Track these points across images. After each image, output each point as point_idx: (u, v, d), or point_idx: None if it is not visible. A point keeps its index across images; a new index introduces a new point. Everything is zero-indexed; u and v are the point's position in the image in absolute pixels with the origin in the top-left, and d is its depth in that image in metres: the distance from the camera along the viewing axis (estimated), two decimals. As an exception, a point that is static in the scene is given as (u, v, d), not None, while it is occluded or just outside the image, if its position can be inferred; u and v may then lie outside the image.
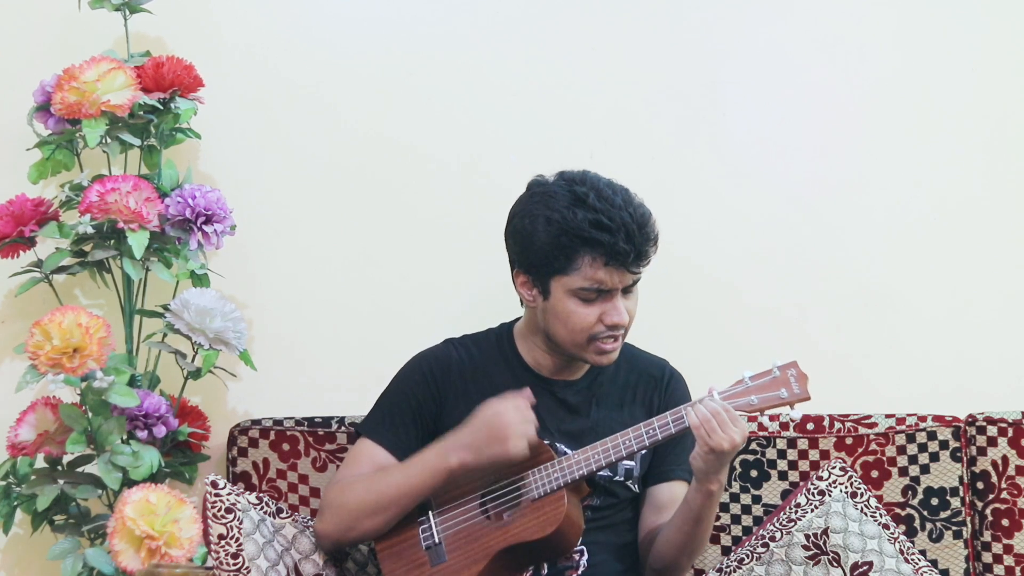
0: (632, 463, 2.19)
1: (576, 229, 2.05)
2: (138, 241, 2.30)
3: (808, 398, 2.05)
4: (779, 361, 2.06)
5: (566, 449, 2.15)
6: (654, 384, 2.26)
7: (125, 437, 2.32)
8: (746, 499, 2.42)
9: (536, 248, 2.09)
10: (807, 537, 2.24)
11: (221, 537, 2.02)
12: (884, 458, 2.42)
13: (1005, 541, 2.41)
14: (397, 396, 2.22)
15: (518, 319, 2.27)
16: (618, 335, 2.12)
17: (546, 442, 2.13)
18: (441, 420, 2.19)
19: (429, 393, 2.20)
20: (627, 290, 2.12)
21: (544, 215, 2.08)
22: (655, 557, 2.19)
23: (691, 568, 2.36)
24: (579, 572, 2.14)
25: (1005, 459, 2.42)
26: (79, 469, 2.35)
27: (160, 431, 2.33)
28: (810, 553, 2.23)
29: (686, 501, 2.11)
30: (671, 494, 2.20)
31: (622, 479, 2.19)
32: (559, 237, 2.06)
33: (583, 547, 2.14)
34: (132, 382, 2.33)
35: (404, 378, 2.23)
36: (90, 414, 2.27)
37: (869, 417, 2.45)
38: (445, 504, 2.12)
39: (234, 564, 2.01)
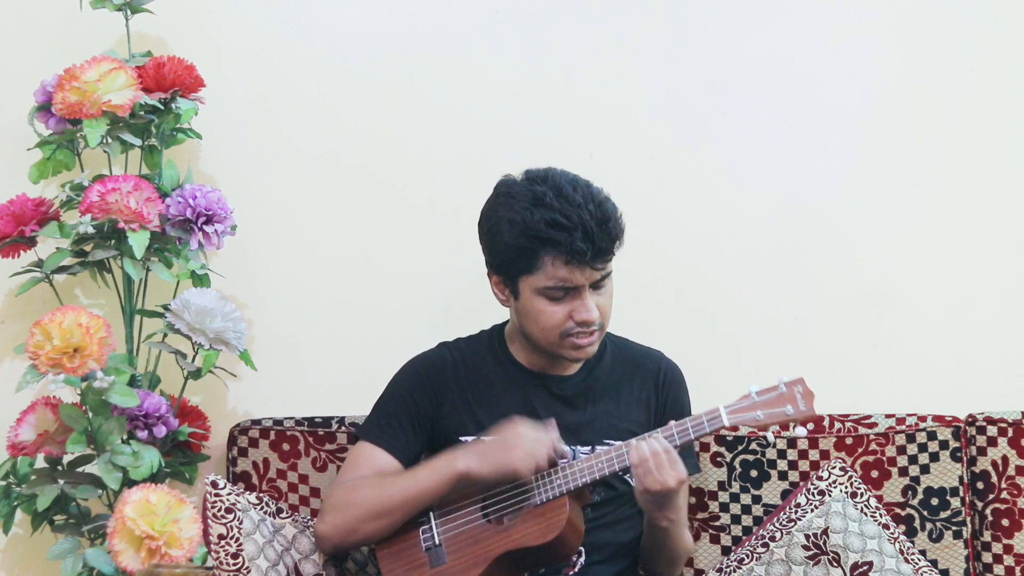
0: None
1: (534, 230, 2.05)
2: (138, 241, 2.30)
3: (814, 417, 2.03)
4: (786, 377, 2.05)
5: (564, 447, 2.15)
6: (650, 378, 2.27)
7: (125, 437, 2.32)
8: (746, 499, 2.42)
9: (501, 249, 2.10)
10: (807, 537, 2.24)
11: (221, 537, 2.02)
12: (884, 458, 2.42)
13: (1005, 541, 2.41)
14: (394, 399, 2.22)
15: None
16: (591, 331, 2.12)
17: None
18: (438, 422, 2.20)
19: (426, 395, 2.21)
20: (597, 285, 2.11)
21: (507, 217, 2.09)
22: (642, 557, 2.25)
23: (690, 568, 2.37)
24: (575, 570, 2.14)
25: (1005, 459, 2.42)
26: (79, 469, 2.35)
27: (160, 431, 2.33)
28: (810, 553, 2.23)
29: (645, 527, 2.17)
30: None
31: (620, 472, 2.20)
32: (519, 238, 2.07)
33: (581, 547, 2.14)
34: (132, 382, 2.33)
35: (400, 382, 2.24)
36: (90, 414, 2.27)
37: (869, 417, 2.45)
38: (447, 507, 2.12)
39: (234, 564, 2.01)
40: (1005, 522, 2.41)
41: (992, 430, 2.43)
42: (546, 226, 2.04)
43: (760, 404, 2.04)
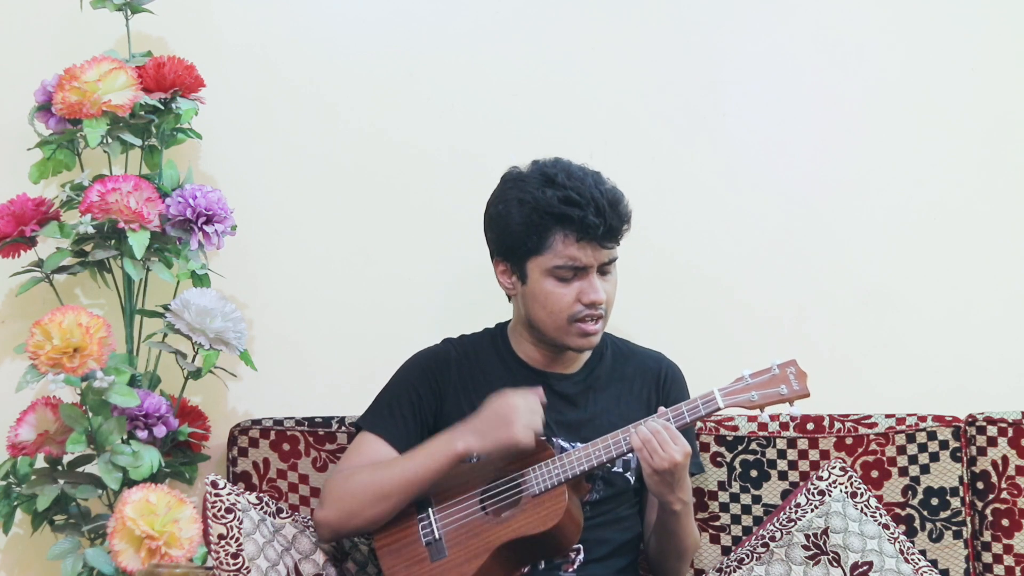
0: (630, 455, 2.20)
1: (547, 206, 2.08)
2: (139, 241, 2.30)
3: (807, 395, 2.07)
4: (778, 359, 2.08)
5: (563, 443, 2.16)
6: (651, 378, 2.28)
7: (125, 437, 2.32)
8: (746, 499, 2.42)
9: (511, 231, 2.12)
10: (807, 537, 2.24)
11: (221, 537, 2.02)
12: (884, 458, 2.42)
13: (1005, 541, 2.41)
14: (398, 391, 2.23)
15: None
16: (598, 315, 2.14)
17: (543, 437, 2.14)
18: (440, 416, 2.21)
19: (429, 389, 2.22)
20: (604, 271, 2.14)
21: (517, 197, 2.12)
22: (651, 557, 2.26)
23: (691, 567, 2.37)
24: (574, 567, 2.15)
25: (1005, 459, 2.42)
26: (79, 469, 2.36)
27: (160, 431, 2.33)
28: (810, 553, 2.23)
29: (657, 516, 2.17)
30: None
31: (620, 470, 2.21)
32: (531, 216, 2.10)
33: (579, 544, 2.15)
34: (132, 382, 2.33)
35: (404, 374, 2.25)
36: (90, 414, 2.27)
37: (869, 417, 2.45)
38: (445, 500, 2.13)
39: (234, 564, 2.01)
40: (1005, 522, 2.41)
41: (992, 430, 2.43)
42: (559, 202, 2.08)
43: (754, 386, 2.08)
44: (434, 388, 2.22)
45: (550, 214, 2.08)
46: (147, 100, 2.38)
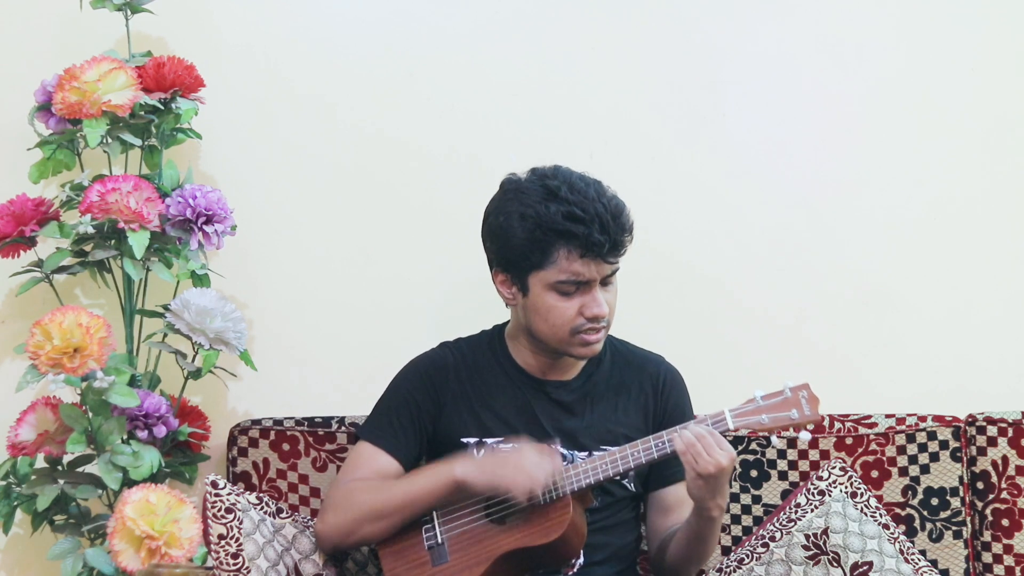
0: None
1: (550, 222, 2.05)
2: (138, 241, 2.30)
3: (819, 420, 2.04)
4: (791, 382, 2.06)
5: (562, 451, 2.15)
6: (649, 384, 2.26)
7: (125, 437, 2.32)
8: (746, 499, 2.42)
9: (512, 245, 2.09)
10: (807, 537, 2.24)
11: (221, 537, 2.02)
12: (884, 458, 2.42)
13: (1005, 541, 2.41)
14: (395, 400, 2.22)
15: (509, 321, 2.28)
16: (600, 327, 2.12)
17: (549, 443, 2.13)
18: (439, 422, 2.20)
19: (427, 396, 2.20)
20: (605, 281, 2.12)
21: (518, 211, 2.08)
22: (667, 564, 2.20)
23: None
24: (573, 571, 2.15)
25: (1005, 459, 2.42)
26: (79, 469, 2.35)
27: (160, 431, 2.33)
28: (810, 553, 2.23)
29: (688, 522, 2.12)
30: (676, 496, 2.20)
31: (619, 477, 2.19)
32: (534, 232, 2.06)
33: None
34: (132, 382, 2.33)
35: (401, 382, 2.24)
36: (90, 414, 2.27)
37: (869, 417, 2.45)
38: (450, 505, 2.12)
39: (234, 564, 2.01)
40: (1005, 522, 2.41)
41: (992, 430, 2.43)
42: (563, 219, 2.04)
43: (765, 408, 2.04)
44: (432, 396, 2.20)
45: (553, 230, 2.05)
46: (147, 100, 2.38)
